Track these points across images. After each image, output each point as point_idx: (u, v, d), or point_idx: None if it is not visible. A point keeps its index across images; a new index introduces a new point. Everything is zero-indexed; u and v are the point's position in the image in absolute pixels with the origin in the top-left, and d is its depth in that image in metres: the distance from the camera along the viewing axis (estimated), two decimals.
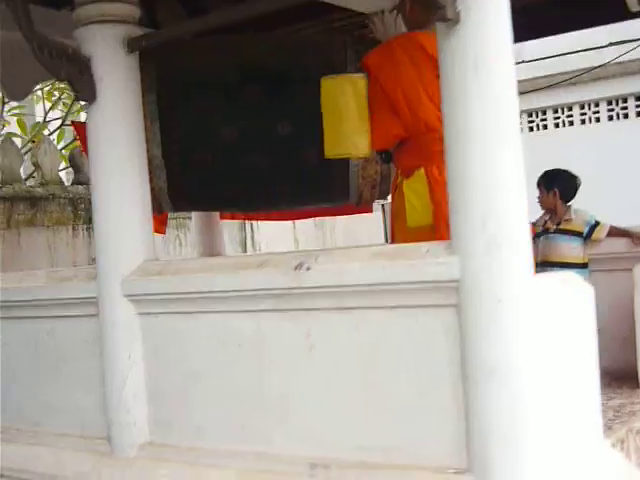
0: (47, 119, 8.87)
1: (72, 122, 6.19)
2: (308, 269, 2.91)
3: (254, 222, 9.29)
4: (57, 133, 8.82)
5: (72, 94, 8.53)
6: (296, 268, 2.94)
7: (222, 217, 6.35)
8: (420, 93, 3.52)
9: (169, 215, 6.29)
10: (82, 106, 8.96)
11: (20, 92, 5.12)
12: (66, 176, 8.55)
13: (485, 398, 2.55)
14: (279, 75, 4.16)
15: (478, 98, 2.56)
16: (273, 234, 9.61)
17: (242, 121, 4.19)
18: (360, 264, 2.82)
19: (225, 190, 4.34)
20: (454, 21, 2.54)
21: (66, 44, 3.42)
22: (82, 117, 9.04)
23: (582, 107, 9.92)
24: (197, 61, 4.15)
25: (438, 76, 3.49)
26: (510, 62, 2.61)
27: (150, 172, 3.72)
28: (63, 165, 8.44)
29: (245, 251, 9.34)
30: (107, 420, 3.50)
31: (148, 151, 3.70)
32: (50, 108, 8.88)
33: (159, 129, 4.02)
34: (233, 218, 6.70)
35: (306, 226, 10.03)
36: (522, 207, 2.61)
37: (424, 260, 2.68)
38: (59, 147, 8.45)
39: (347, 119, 3.38)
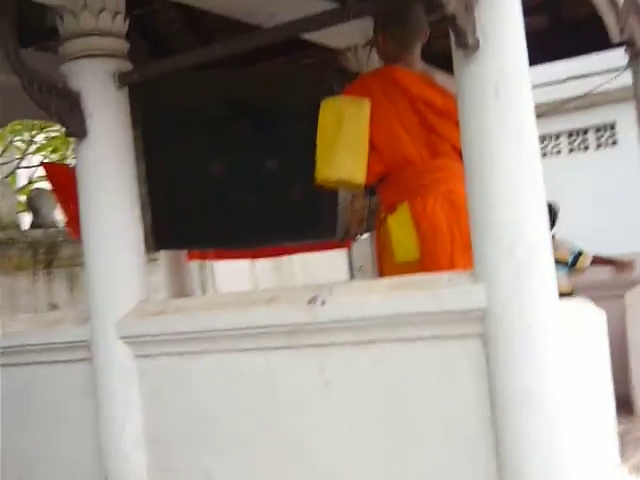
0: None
1: (42, 163, 6.02)
2: (323, 303, 2.83)
3: (214, 263, 9.18)
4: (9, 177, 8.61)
5: (61, 130, 8.48)
6: (310, 302, 2.86)
7: (190, 257, 6.23)
8: (397, 127, 3.47)
9: None
10: (38, 149, 8.82)
11: None
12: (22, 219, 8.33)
13: (519, 428, 2.48)
14: (265, 110, 4.12)
15: (500, 123, 2.53)
16: (232, 273, 9.49)
17: (228, 157, 4.14)
18: (379, 296, 2.74)
19: (212, 227, 4.26)
20: (473, 48, 2.51)
21: (55, 79, 3.31)
22: (35, 160, 8.88)
23: (543, 140, 10.08)
24: (182, 96, 4.07)
25: (416, 109, 3.52)
26: (528, 86, 2.60)
27: None
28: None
29: (205, 292, 9.20)
30: (104, 470, 3.34)
31: None
32: (3, 151, 8.67)
33: (144, 166, 3.92)
34: (202, 258, 6.58)
35: (265, 264, 9.95)
36: (546, 231, 2.58)
37: (448, 289, 2.63)
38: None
39: (346, 142, 3.26)
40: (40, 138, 8.70)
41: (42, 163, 5.96)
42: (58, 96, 3.28)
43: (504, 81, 2.53)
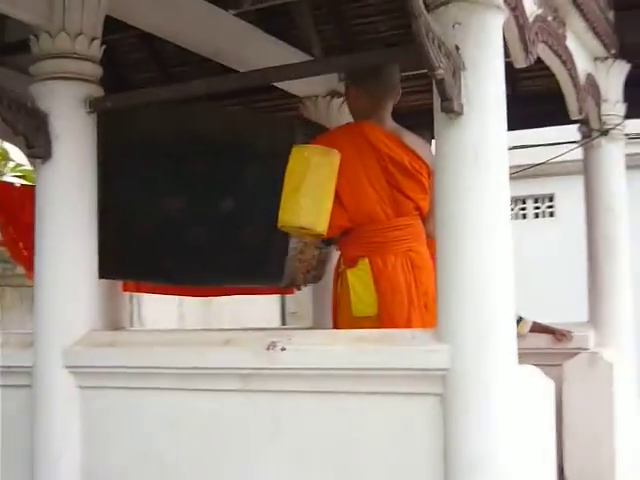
0: None
1: None
2: (283, 349, 2.81)
3: (141, 296, 9.05)
4: None
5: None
6: (269, 348, 2.84)
7: (125, 288, 6.13)
8: (364, 184, 3.51)
9: None
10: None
11: None
12: None
13: None
14: (225, 150, 4.09)
15: (477, 188, 2.58)
16: (159, 309, 9.37)
17: (183, 193, 4.09)
18: (343, 347, 2.75)
19: (160, 261, 4.19)
20: (457, 112, 2.57)
21: (24, 98, 3.25)
22: None
23: None
24: (145, 126, 4.03)
25: (384, 167, 3.57)
26: (505, 152, 2.67)
27: None
28: None
29: (132, 325, 9.04)
30: None
31: None
32: None
33: (102, 192, 3.85)
34: (138, 290, 6.48)
35: (193, 302, 9.84)
36: (511, 297, 2.63)
37: (412, 347, 2.65)
38: None
39: (310, 190, 3.25)
40: None
41: None
42: (27, 115, 3.22)
43: (484, 146, 2.60)
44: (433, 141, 2.80)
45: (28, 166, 8.06)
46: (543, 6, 3.43)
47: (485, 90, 2.62)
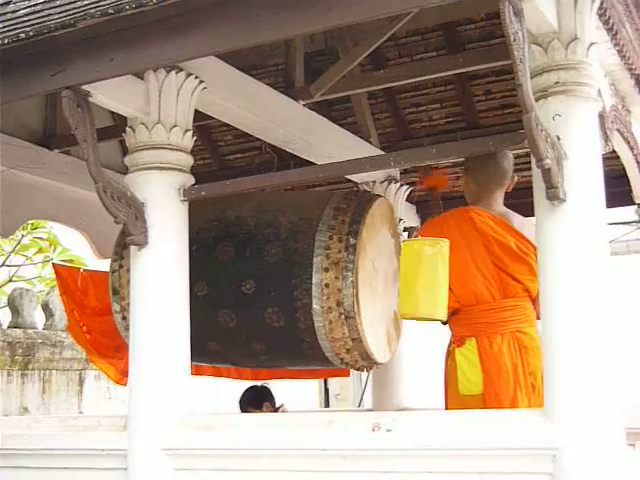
0: None
1: (53, 264, 6.00)
2: (388, 430, 2.87)
3: None
4: None
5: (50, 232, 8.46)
6: (374, 429, 2.90)
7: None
8: (470, 266, 3.65)
9: None
10: (22, 247, 8.75)
11: (9, 229, 4.98)
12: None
13: None
14: (252, 233, 4.15)
15: (580, 270, 2.70)
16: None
17: (212, 277, 4.12)
18: (449, 427, 2.81)
19: (205, 344, 4.22)
20: (561, 200, 2.69)
21: (124, 188, 3.39)
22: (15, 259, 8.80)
23: None
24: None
25: (490, 250, 3.68)
26: (605, 235, 2.78)
27: None
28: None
29: None
30: None
31: None
32: None
33: None
34: (197, 374, 6.49)
35: (231, 384, 9.81)
36: (617, 376, 2.70)
37: (521, 426, 2.71)
38: None
39: (426, 283, 3.39)
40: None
41: (53, 264, 5.95)
42: (127, 204, 3.34)
43: (586, 230, 2.72)
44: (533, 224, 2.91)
45: (74, 251, 8.22)
46: (614, 96, 3.59)
47: (586, 178, 2.75)
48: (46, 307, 8.01)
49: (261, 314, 4.04)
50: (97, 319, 5.35)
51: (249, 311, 4.07)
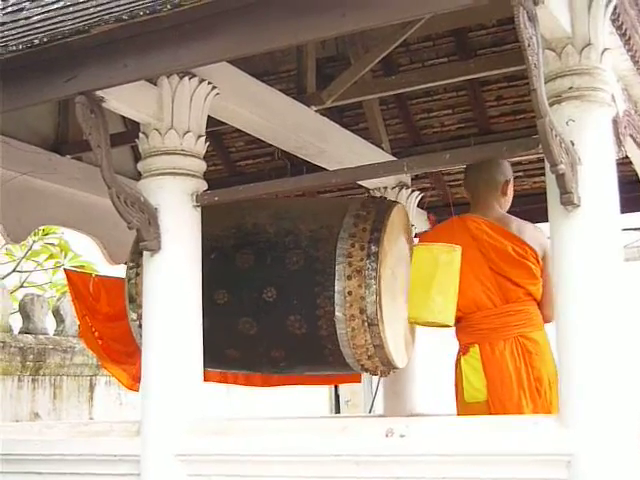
0: None
1: (65, 269, 6.01)
2: (402, 436, 2.87)
3: None
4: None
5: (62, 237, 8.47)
6: (387, 435, 2.89)
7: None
8: (467, 273, 3.63)
9: None
10: (32, 254, 8.78)
11: (20, 235, 4.99)
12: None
13: None
14: (272, 241, 4.15)
15: (594, 274, 2.70)
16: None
17: (232, 285, 4.12)
18: (462, 433, 2.80)
19: (224, 351, 4.23)
20: (575, 205, 2.68)
21: (137, 193, 3.39)
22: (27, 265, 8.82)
23: None
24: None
25: (487, 257, 3.68)
26: (619, 239, 2.78)
27: None
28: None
29: None
30: None
31: None
32: None
33: None
34: (208, 380, 6.46)
35: (240, 390, 9.80)
36: (633, 381, 2.69)
37: (535, 433, 2.70)
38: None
39: (441, 288, 3.39)
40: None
41: (65, 270, 5.95)
42: (140, 210, 3.35)
43: (600, 235, 2.71)
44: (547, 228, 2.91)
45: (86, 257, 8.24)
46: (627, 101, 3.58)
47: (600, 183, 2.75)
48: (57, 313, 8.03)
49: (283, 321, 4.04)
50: (109, 325, 5.36)
51: (270, 319, 4.08)
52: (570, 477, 2.62)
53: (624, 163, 3.88)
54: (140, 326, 4.01)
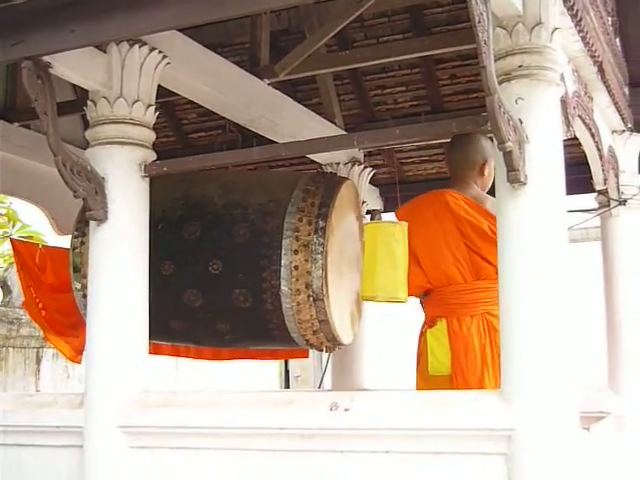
0: None
1: (11, 239, 5.89)
2: (346, 410, 2.88)
3: None
4: None
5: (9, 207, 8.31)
6: (332, 408, 2.90)
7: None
8: (442, 247, 3.69)
9: None
10: None
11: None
12: None
13: None
14: (220, 213, 4.11)
15: (538, 252, 2.73)
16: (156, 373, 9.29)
17: (178, 256, 4.08)
18: (405, 408, 2.82)
19: (170, 323, 4.20)
20: (522, 183, 2.70)
21: (84, 162, 3.34)
22: None
23: None
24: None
25: (463, 232, 3.73)
26: (564, 218, 2.81)
27: None
28: None
29: None
30: None
31: None
32: None
33: None
34: (155, 352, 6.42)
35: (189, 364, 9.78)
36: (574, 356, 2.73)
37: (476, 407, 2.73)
38: None
39: (384, 266, 3.43)
40: None
41: (11, 240, 5.85)
42: (86, 179, 3.30)
43: (545, 213, 2.74)
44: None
45: (34, 227, 8.11)
46: (577, 82, 3.61)
47: (546, 161, 2.77)
48: (4, 284, 7.92)
49: (228, 294, 4.02)
50: (54, 296, 5.28)
51: (216, 291, 4.05)
52: (511, 452, 2.65)
53: (572, 145, 3.92)
54: (84, 296, 3.95)
